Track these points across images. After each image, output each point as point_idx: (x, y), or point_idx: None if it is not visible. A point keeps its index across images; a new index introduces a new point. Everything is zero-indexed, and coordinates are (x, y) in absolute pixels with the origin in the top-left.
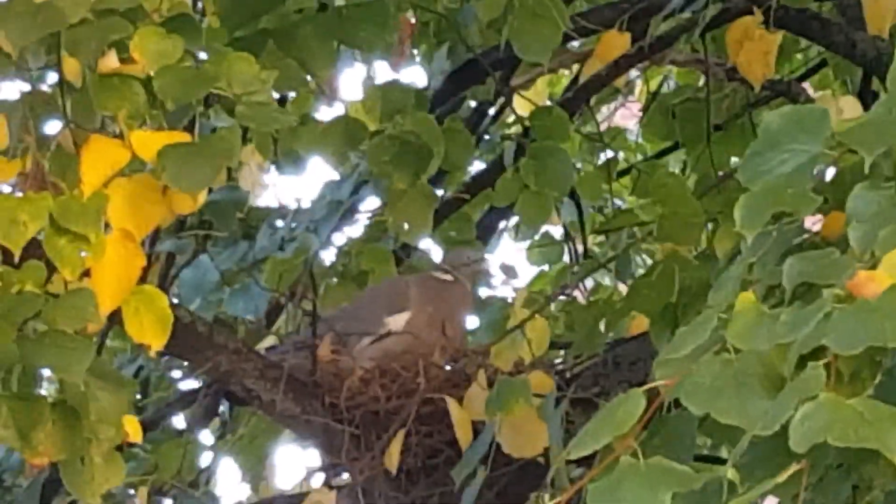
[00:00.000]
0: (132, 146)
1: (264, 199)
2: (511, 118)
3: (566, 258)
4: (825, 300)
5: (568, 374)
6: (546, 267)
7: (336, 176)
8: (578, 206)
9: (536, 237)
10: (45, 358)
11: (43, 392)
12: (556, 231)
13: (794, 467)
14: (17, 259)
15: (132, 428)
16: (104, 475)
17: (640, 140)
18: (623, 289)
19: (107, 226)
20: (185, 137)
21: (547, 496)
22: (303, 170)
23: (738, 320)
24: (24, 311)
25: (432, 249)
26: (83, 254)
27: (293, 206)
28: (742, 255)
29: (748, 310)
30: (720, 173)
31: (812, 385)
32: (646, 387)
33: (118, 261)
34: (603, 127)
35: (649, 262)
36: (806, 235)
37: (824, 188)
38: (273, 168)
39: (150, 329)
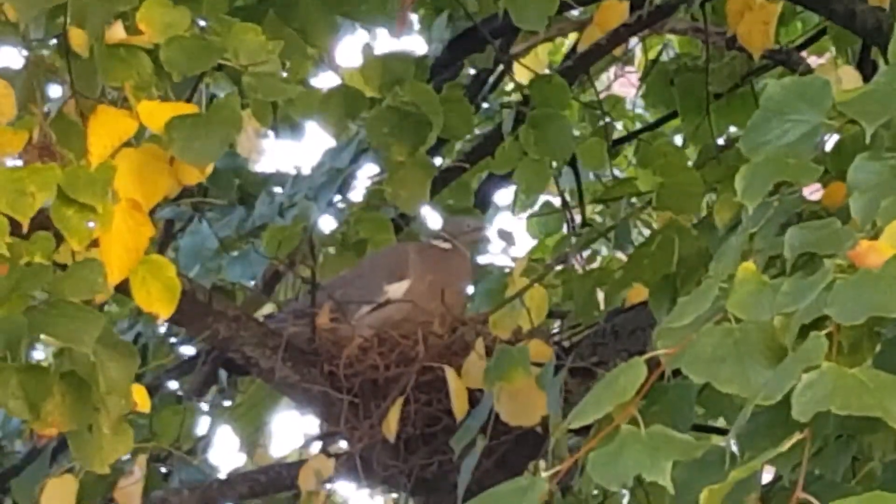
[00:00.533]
0: (139, 117)
1: (261, 166)
2: (510, 86)
3: (564, 228)
4: (827, 270)
5: (566, 344)
6: (543, 236)
7: (334, 143)
8: (577, 174)
9: (535, 207)
10: (55, 328)
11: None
12: (556, 201)
13: (796, 436)
14: (25, 230)
15: (140, 397)
16: (113, 445)
17: (637, 109)
18: (621, 258)
19: (114, 196)
20: (191, 108)
21: (544, 464)
22: (301, 135)
23: (739, 290)
24: (33, 282)
25: (431, 218)
26: (91, 224)
27: (291, 172)
28: (742, 225)
29: (749, 280)
30: (720, 142)
31: (814, 355)
32: (647, 356)
33: (126, 231)
34: (601, 96)
35: (647, 232)
36: (806, 205)
37: (825, 158)
38: (270, 134)
39: (158, 298)
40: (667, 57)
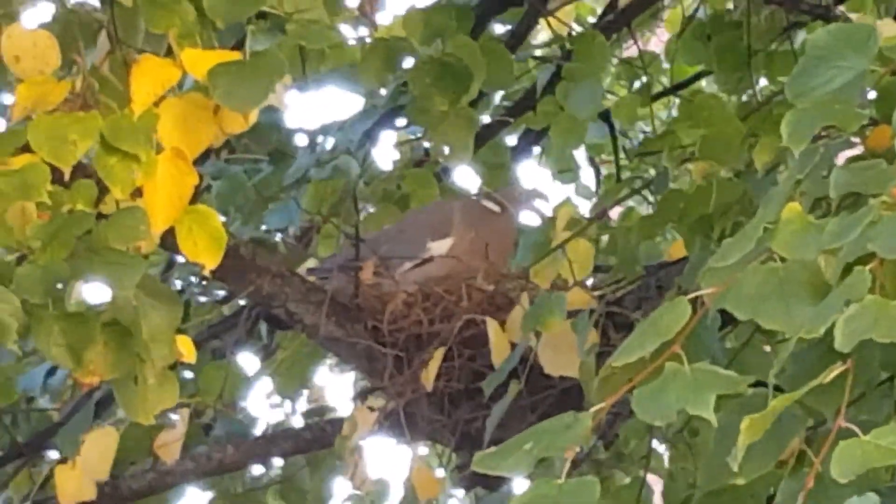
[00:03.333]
0: (183, 65)
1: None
2: (538, 40)
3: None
4: (871, 207)
5: (611, 299)
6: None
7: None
8: (612, 130)
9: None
10: (96, 273)
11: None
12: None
13: (838, 367)
14: (67, 178)
15: (186, 347)
16: (158, 396)
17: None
18: None
19: (159, 147)
20: (235, 56)
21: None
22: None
23: (784, 229)
24: (75, 229)
25: (466, 173)
26: (134, 174)
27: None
28: (789, 171)
29: (794, 220)
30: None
31: (857, 289)
32: (691, 295)
33: (170, 180)
34: (633, 51)
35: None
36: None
37: (870, 103)
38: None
39: (204, 248)
40: (702, 13)
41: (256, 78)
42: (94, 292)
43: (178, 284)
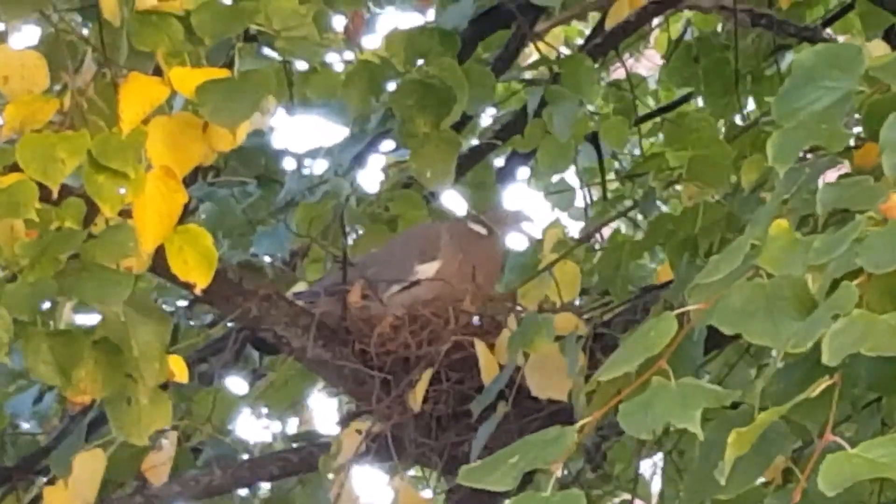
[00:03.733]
0: (171, 83)
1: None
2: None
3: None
4: (858, 223)
5: (598, 321)
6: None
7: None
8: (599, 152)
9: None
10: (84, 290)
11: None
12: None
13: (825, 382)
14: (55, 196)
15: (178, 367)
16: (151, 416)
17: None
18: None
19: (148, 166)
20: (224, 73)
21: None
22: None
23: (771, 246)
24: (63, 247)
25: (453, 196)
26: (122, 191)
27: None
28: (776, 190)
29: (781, 236)
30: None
31: (845, 303)
32: (678, 311)
33: (159, 198)
34: (621, 73)
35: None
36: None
37: (858, 121)
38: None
39: (195, 267)
40: (689, 35)
41: (244, 94)
42: (84, 314)
43: (167, 308)
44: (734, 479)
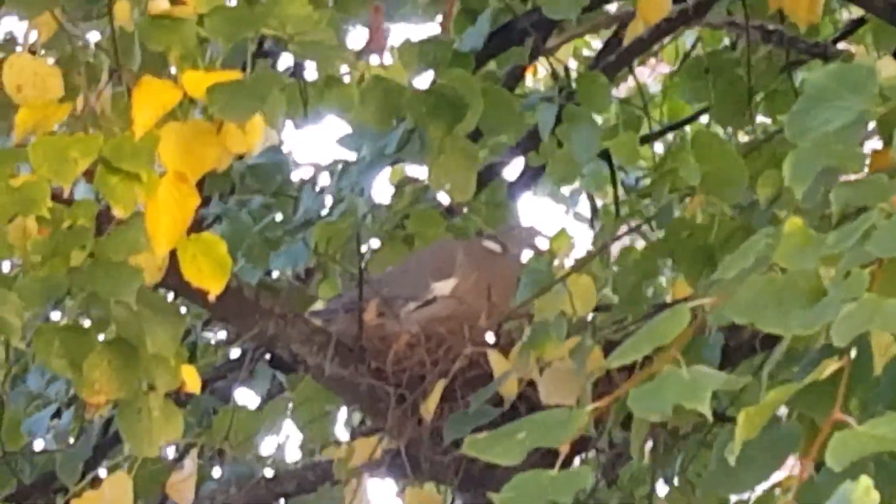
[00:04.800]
0: (184, 86)
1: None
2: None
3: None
4: (870, 214)
5: (615, 338)
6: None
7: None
8: (612, 168)
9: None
10: (96, 283)
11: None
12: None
13: (834, 363)
14: (67, 196)
15: (190, 378)
16: (162, 427)
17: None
18: None
19: (163, 173)
20: (234, 75)
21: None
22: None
23: (786, 242)
24: (74, 242)
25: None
26: (136, 193)
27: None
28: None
29: (796, 232)
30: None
31: (855, 288)
32: (691, 304)
33: (172, 202)
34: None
35: None
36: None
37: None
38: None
39: (209, 274)
40: (700, 51)
41: (254, 92)
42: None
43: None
44: (748, 476)
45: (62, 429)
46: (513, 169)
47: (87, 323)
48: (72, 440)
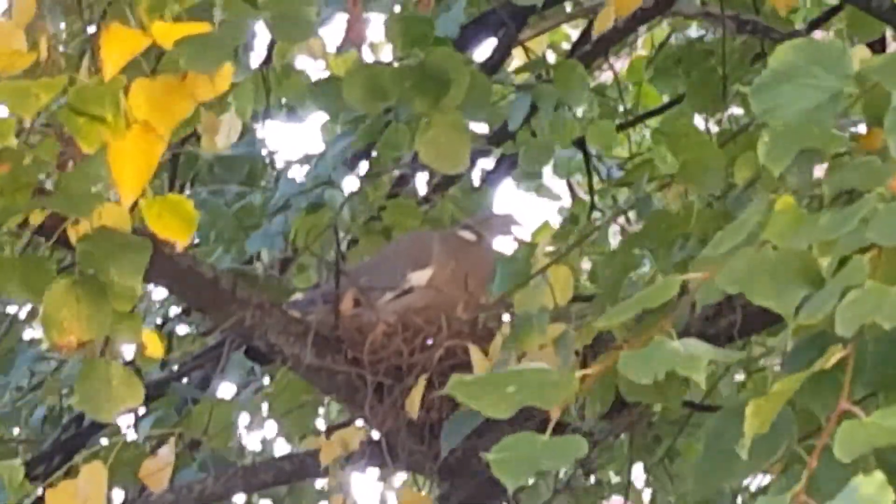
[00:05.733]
0: (153, 36)
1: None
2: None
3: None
4: (867, 200)
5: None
6: (553, 218)
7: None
8: (587, 157)
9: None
10: (55, 203)
11: None
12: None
13: (839, 352)
14: (29, 124)
15: (152, 344)
16: (122, 394)
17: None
18: None
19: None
20: (203, 27)
21: None
22: (296, 119)
23: (777, 220)
24: (34, 172)
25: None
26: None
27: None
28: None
29: (788, 210)
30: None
31: (856, 276)
32: (682, 277)
33: (137, 150)
34: (604, 76)
35: None
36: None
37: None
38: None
39: (175, 226)
40: (674, 41)
41: (221, 42)
42: None
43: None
44: (742, 465)
45: (37, 418)
46: (488, 160)
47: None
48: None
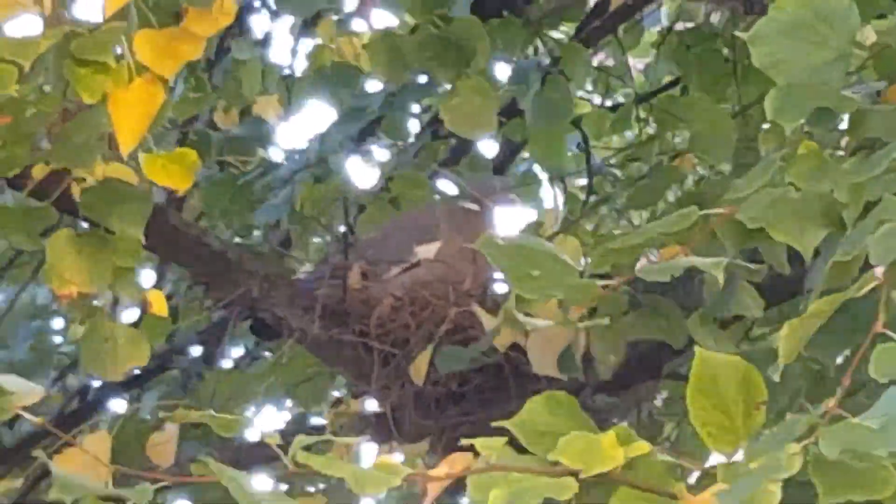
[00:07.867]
0: None
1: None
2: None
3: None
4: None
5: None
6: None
7: None
8: (585, 140)
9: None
10: (57, 155)
11: None
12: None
13: (872, 280)
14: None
15: (157, 302)
16: (128, 352)
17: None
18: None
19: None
20: None
21: None
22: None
23: (800, 163)
24: (35, 122)
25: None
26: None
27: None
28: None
29: (811, 155)
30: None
31: (891, 211)
32: (704, 212)
33: (138, 100)
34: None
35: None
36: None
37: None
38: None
39: (176, 174)
40: (682, 24)
41: None
42: None
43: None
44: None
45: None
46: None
47: None
48: None
